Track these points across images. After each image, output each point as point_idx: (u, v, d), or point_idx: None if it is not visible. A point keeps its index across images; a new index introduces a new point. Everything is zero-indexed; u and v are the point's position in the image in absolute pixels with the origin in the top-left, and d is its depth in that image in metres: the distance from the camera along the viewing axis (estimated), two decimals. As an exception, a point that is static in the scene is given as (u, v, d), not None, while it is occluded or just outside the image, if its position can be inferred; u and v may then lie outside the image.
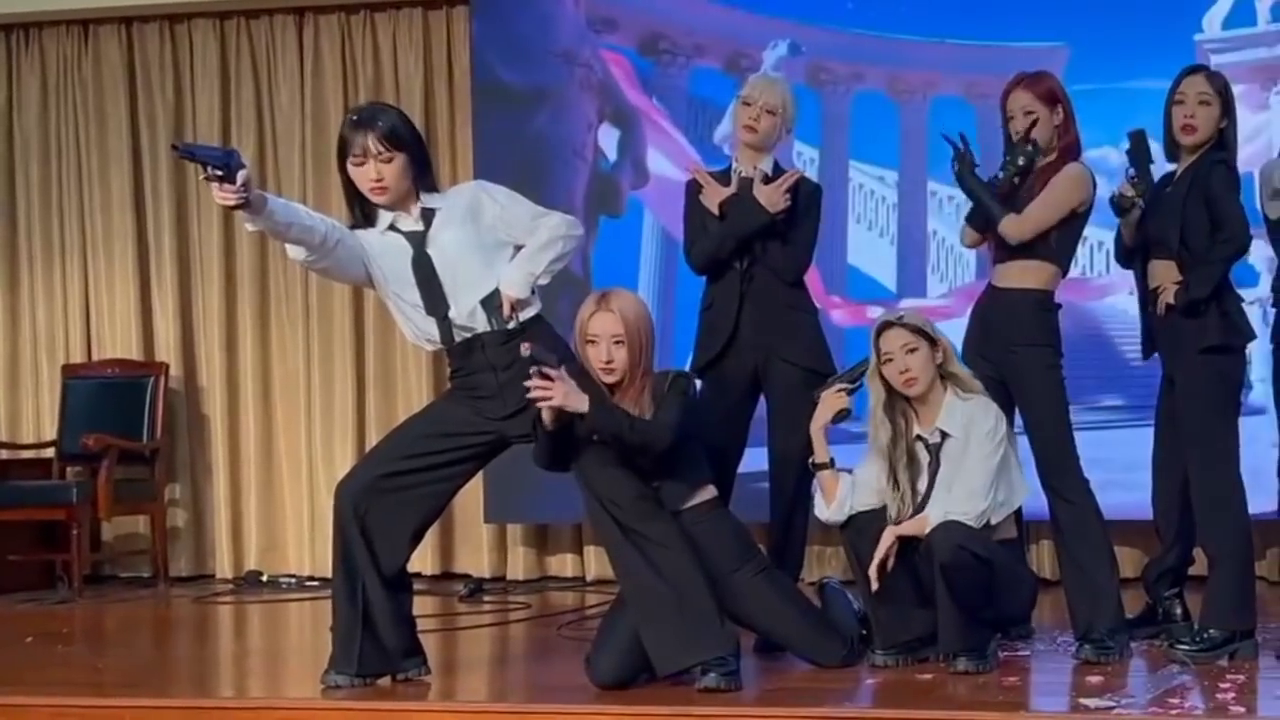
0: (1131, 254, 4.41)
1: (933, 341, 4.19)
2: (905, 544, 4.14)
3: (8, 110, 7.23)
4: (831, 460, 4.27)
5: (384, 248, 4.03)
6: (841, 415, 4.27)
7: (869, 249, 6.27)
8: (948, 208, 5.56)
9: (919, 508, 4.16)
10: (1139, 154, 4.25)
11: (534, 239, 4.03)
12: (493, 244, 4.04)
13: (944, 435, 4.19)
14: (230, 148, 3.70)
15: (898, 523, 4.15)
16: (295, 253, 3.93)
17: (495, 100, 6.55)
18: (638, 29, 6.47)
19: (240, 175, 3.63)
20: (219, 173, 3.61)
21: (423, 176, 4.03)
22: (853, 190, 6.26)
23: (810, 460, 4.30)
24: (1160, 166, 4.39)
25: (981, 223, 4.47)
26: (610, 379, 4.05)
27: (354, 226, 4.06)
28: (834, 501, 4.25)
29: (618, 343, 4.01)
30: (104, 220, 7.15)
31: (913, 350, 4.16)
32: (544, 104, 6.55)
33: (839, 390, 4.28)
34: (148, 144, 7.14)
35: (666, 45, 6.43)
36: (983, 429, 4.14)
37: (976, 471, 4.12)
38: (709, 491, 4.22)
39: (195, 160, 3.64)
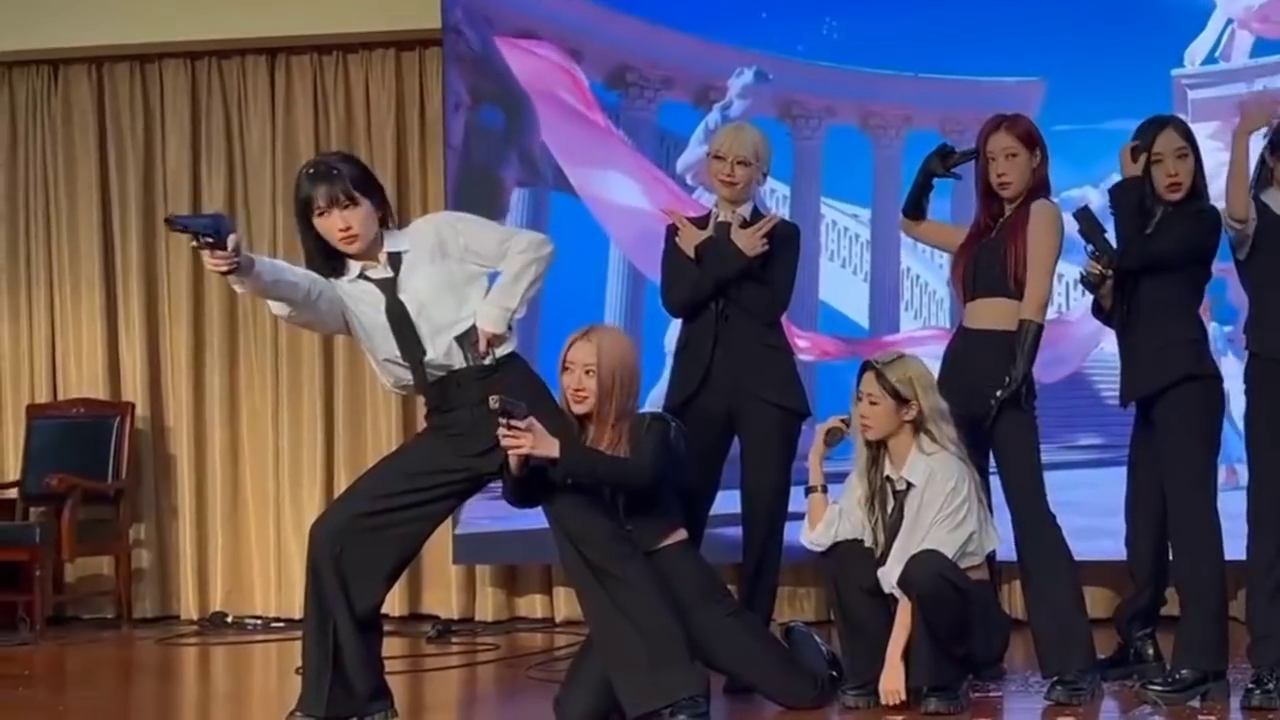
0: (1110, 315, 4.42)
1: (903, 401, 4.16)
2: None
3: (-24, 149, 7.21)
4: (824, 485, 4.27)
5: (356, 297, 3.99)
6: (835, 435, 4.30)
7: (842, 286, 6.26)
8: (922, 245, 5.55)
9: (884, 553, 4.15)
10: (1091, 231, 4.27)
11: (506, 270, 4.00)
12: (464, 278, 4.00)
13: (909, 485, 4.18)
14: (219, 213, 3.71)
15: (881, 559, 4.14)
16: (278, 309, 3.90)
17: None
18: (604, 61, 6.45)
19: (230, 240, 3.63)
20: (210, 240, 3.62)
21: (384, 220, 4.00)
22: (825, 227, 6.26)
23: (806, 484, 4.29)
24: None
25: (913, 209, 4.59)
26: (580, 409, 4.10)
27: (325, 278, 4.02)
28: (820, 524, 4.24)
29: (589, 372, 4.08)
30: (71, 259, 7.11)
31: (874, 404, 4.16)
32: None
33: (836, 416, 4.32)
34: (116, 183, 7.11)
35: (634, 78, 6.42)
36: (941, 487, 4.12)
37: (934, 533, 4.10)
38: (680, 533, 4.22)
39: (189, 231, 3.63)
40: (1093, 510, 5.19)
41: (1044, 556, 4.29)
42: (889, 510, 4.18)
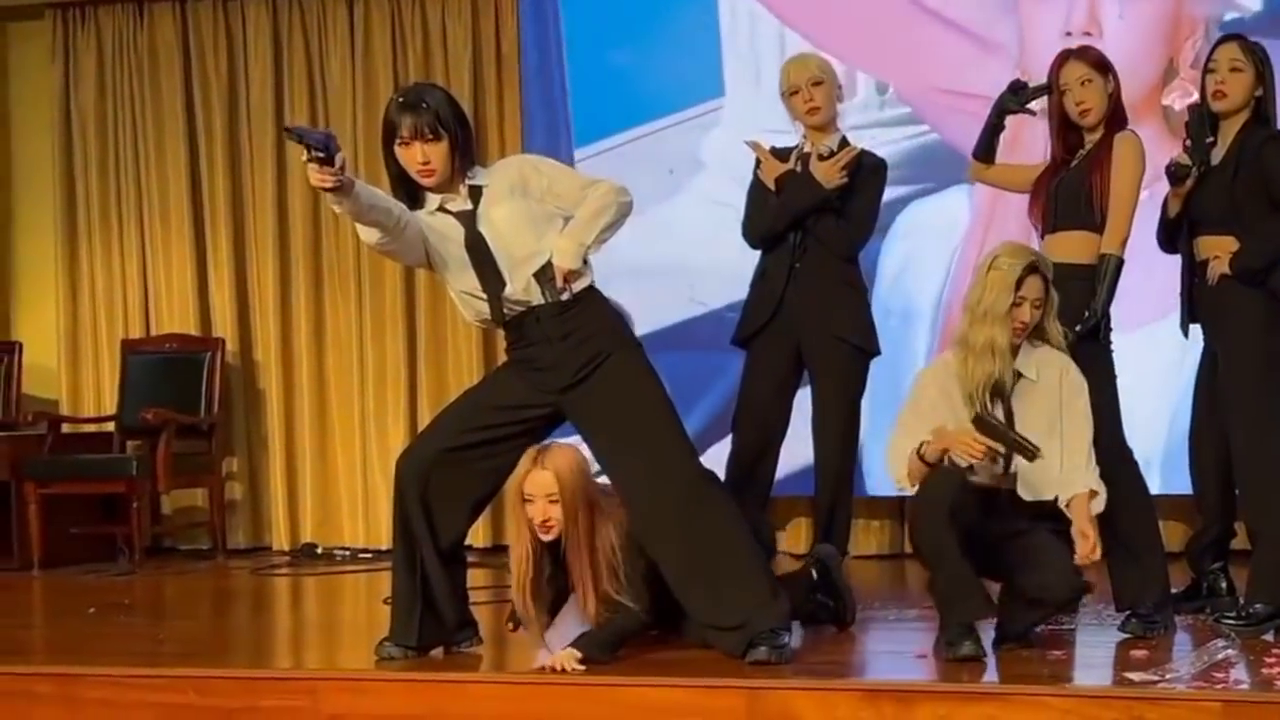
0: (1175, 231, 4.41)
1: (1050, 295, 4.09)
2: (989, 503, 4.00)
3: (65, 89, 7.34)
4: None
5: (436, 229, 4.04)
6: (967, 470, 3.97)
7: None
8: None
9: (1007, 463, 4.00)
10: (1197, 130, 4.26)
11: (584, 208, 4.02)
12: (543, 216, 4.03)
13: (1019, 376, 4.08)
14: (330, 132, 3.78)
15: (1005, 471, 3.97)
16: (369, 235, 3.96)
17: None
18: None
19: (338, 159, 3.70)
20: (320, 155, 3.68)
21: (467, 156, 4.04)
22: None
23: (920, 451, 3.95)
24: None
25: (984, 152, 4.56)
26: (548, 537, 3.99)
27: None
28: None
29: (552, 501, 3.95)
30: (160, 196, 7.25)
31: (1038, 306, 4.06)
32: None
33: (983, 443, 3.90)
34: (202, 121, 7.23)
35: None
36: (1075, 383, 4.06)
37: (1083, 426, 4.04)
38: None
39: (302, 142, 3.69)
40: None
41: (1120, 491, 4.29)
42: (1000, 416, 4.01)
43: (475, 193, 4.02)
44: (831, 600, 4.45)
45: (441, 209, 4.04)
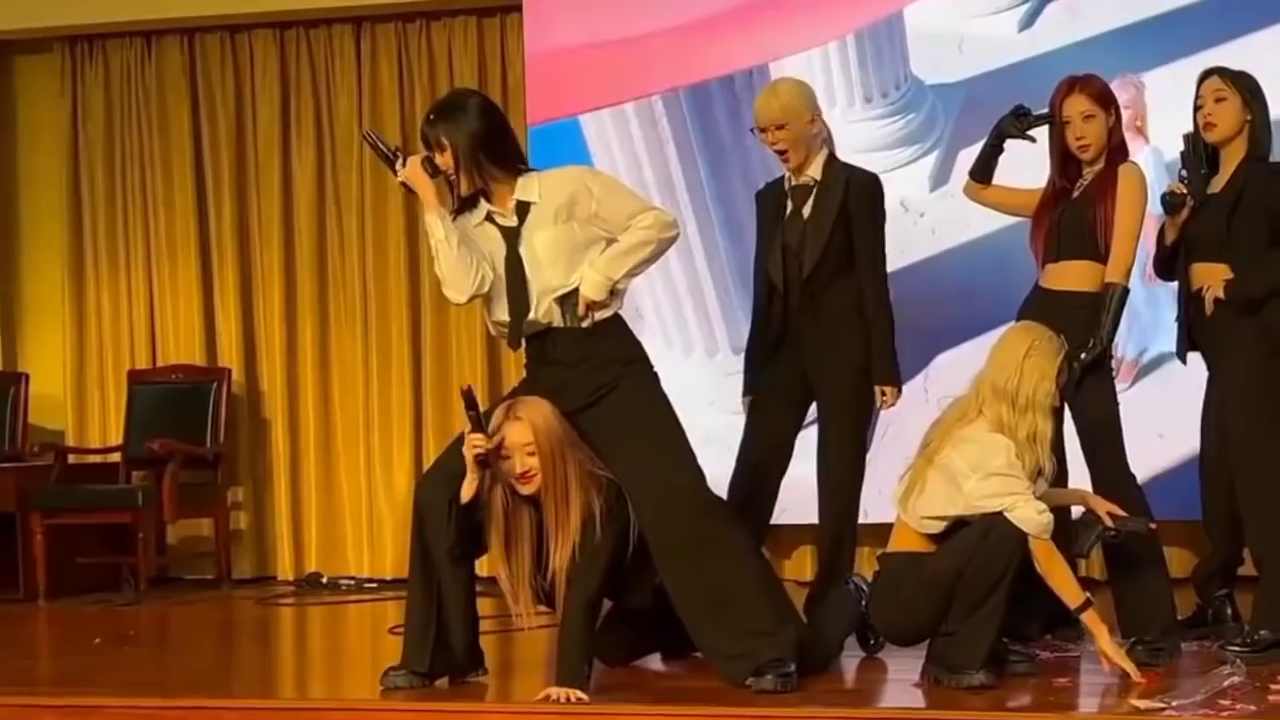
0: (1171, 258, 4.43)
1: None
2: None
3: (73, 119, 7.37)
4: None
5: (478, 239, 4.05)
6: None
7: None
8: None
9: None
10: (1192, 157, 4.28)
11: (623, 239, 4.02)
12: (584, 241, 4.02)
13: None
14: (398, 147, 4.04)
15: None
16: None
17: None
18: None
19: (407, 163, 3.96)
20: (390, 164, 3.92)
21: (495, 161, 3.99)
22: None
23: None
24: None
25: (982, 173, 4.57)
26: (529, 489, 3.96)
27: (455, 212, 4.06)
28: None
29: (530, 453, 3.92)
30: (167, 227, 7.26)
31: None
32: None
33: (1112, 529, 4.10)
34: (209, 152, 7.25)
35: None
36: None
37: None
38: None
39: (376, 150, 3.96)
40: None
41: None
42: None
43: (522, 210, 4.02)
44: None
45: (489, 219, 4.05)
